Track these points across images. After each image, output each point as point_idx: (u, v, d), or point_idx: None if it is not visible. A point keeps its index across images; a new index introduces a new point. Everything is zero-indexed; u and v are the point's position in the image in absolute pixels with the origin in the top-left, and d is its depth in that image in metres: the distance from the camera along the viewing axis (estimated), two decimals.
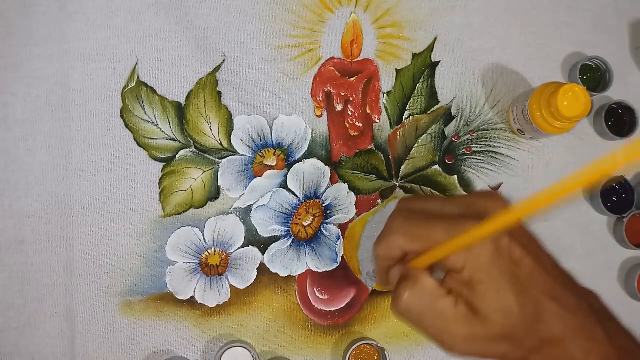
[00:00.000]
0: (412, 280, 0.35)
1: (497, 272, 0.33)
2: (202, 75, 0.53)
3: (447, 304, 0.34)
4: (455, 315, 0.34)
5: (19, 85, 0.50)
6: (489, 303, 0.34)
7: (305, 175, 0.53)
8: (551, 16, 0.59)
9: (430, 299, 0.34)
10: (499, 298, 0.33)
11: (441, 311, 0.34)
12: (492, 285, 0.33)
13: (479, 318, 0.34)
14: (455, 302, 0.34)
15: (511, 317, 0.33)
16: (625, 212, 0.56)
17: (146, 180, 0.51)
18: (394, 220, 0.37)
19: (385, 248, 0.37)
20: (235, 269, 0.52)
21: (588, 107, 0.48)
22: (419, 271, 0.35)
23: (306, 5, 0.55)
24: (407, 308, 0.35)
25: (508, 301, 0.33)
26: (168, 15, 0.53)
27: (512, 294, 0.33)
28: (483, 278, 0.33)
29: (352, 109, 0.55)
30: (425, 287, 0.35)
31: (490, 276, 0.33)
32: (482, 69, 0.57)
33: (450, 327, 0.34)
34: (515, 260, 0.34)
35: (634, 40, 0.60)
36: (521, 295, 0.34)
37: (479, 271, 0.33)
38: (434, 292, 0.34)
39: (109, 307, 0.50)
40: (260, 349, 0.51)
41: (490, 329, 0.34)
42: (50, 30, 0.51)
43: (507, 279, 0.33)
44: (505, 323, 0.34)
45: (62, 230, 0.50)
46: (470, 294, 0.34)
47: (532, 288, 0.34)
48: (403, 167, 0.55)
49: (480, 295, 0.34)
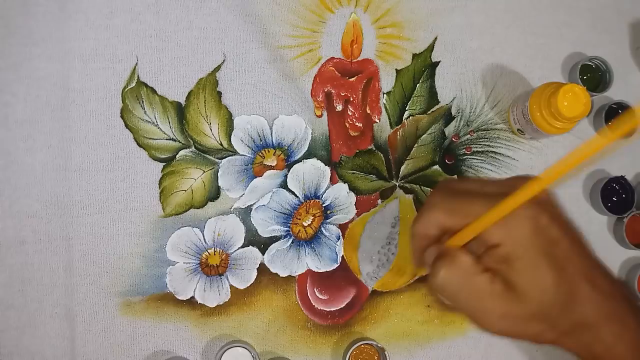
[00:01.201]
0: (448, 258, 0.35)
1: (535, 249, 0.33)
2: (202, 75, 0.53)
3: (483, 281, 0.34)
4: (491, 292, 0.34)
5: (19, 85, 0.50)
6: (527, 279, 0.33)
7: (305, 175, 0.53)
8: (551, 16, 0.59)
9: (466, 276, 0.34)
10: (537, 275, 0.33)
11: (477, 288, 0.34)
12: (530, 261, 0.33)
13: (515, 294, 0.34)
14: (492, 280, 0.34)
15: (547, 295, 0.33)
16: (625, 212, 0.56)
17: (146, 180, 0.51)
18: (433, 197, 0.37)
19: (424, 224, 0.36)
20: (235, 269, 0.52)
21: (588, 107, 0.48)
22: (455, 249, 0.35)
23: (306, 5, 0.55)
24: (443, 285, 0.35)
25: (545, 278, 0.33)
26: (168, 15, 0.53)
27: (550, 271, 0.33)
28: (521, 254, 0.33)
29: (352, 109, 0.55)
30: (462, 264, 0.34)
31: (528, 252, 0.33)
32: (482, 69, 0.57)
33: (486, 304, 0.34)
34: (553, 239, 0.34)
35: (634, 40, 0.60)
36: (558, 274, 0.33)
37: (516, 247, 0.33)
38: (470, 269, 0.34)
39: (109, 307, 0.50)
40: (260, 349, 0.51)
41: (526, 306, 0.34)
42: (50, 30, 0.51)
43: (545, 256, 0.33)
44: (541, 300, 0.33)
45: (62, 230, 0.50)
46: (507, 270, 0.34)
47: (568, 268, 0.34)
48: (403, 167, 0.55)
49: (517, 271, 0.33)
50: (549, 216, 0.34)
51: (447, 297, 0.36)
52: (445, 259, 0.35)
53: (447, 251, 0.35)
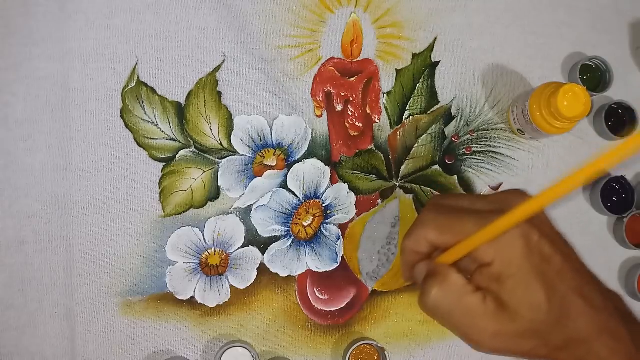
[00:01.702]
0: (439, 277, 0.35)
1: (527, 267, 0.33)
2: (202, 75, 0.53)
3: (475, 300, 0.34)
4: (483, 311, 0.34)
5: (19, 85, 0.50)
6: (519, 298, 0.33)
7: (305, 175, 0.53)
8: (551, 16, 0.59)
9: (458, 296, 0.34)
10: (528, 293, 0.33)
11: (469, 307, 0.34)
12: (522, 279, 0.33)
13: (507, 313, 0.34)
14: (484, 299, 0.34)
15: (540, 313, 0.33)
16: (625, 212, 0.56)
17: (146, 180, 0.51)
18: (424, 214, 0.37)
19: (414, 241, 0.36)
20: (235, 269, 0.52)
21: (588, 107, 0.48)
22: (446, 267, 0.35)
23: (306, 5, 0.55)
24: (435, 305, 0.35)
25: (537, 296, 0.33)
26: (168, 15, 0.53)
27: (542, 289, 0.33)
28: (513, 272, 0.33)
29: (352, 109, 0.55)
30: (453, 284, 0.34)
31: (520, 271, 0.33)
32: (482, 69, 0.57)
33: (478, 324, 0.34)
34: (545, 256, 0.34)
35: (634, 40, 0.60)
36: (550, 291, 0.33)
37: (509, 265, 0.33)
38: (462, 288, 0.34)
39: (109, 307, 0.50)
40: (260, 349, 0.51)
41: (518, 324, 0.34)
42: (50, 30, 0.51)
43: (537, 274, 0.33)
44: (533, 318, 0.33)
45: (62, 230, 0.50)
46: (499, 288, 0.34)
47: (560, 284, 0.34)
48: (403, 167, 0.55)
49: (509, 290, 0.34)
50: (540, 233, 0.34)
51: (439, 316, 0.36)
52: (436, 278, 0.35)
53: (438, 270, 0.35)
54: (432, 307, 0.35)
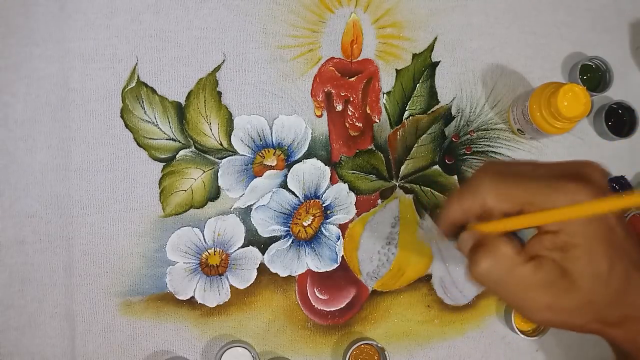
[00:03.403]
0: (490, 248, 0.34)
1: (593, 236, 0.32)
2: (202, 75, 0.53)
3: (526, 271, 0.33)
4: (536, 282, 0.33)
5: (19, 85, 0.50)
6: (581, 267, 0.33)
7: (305, 175, 0.53)
8: (551, 16, 0.59)
9: (509, 268, 0.33)
10: (592, 262, 0.32)
11: (520, 279, 0.33)
12: (587, 249, 0.32)
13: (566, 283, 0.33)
14: (535, 270, 0.33)
15: (600, 284, 0.33)
16: (625, 212, 0.56)
17: (146, 180, 0.51)
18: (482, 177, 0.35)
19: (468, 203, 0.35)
20: (235, 269, 0.52)
21: (588, 107, 0.48)
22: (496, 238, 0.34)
23: (306, 5, 0.55)
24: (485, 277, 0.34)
25: (600, 266, 0.32)
26: (168, 15, 0.53)
27: (605, 259, 0.32)
28: (579, 242, 0.32)
29: (352, 109, 0.55)
30: (504, 255, 0.33)
31: (586, 239, 0.32)
32: (482, 69, 0.57)
33: (530, 295, 0.33)
34: (611, 226, 0.33)
35: (634, 40, 0.60)
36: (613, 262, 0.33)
37: (575, 234, 0.32)
38: (512, 260, 0.33)
39: (109, 307, 0.50)
40: (260, 349, 0.51)
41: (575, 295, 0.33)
42: (50, 30, 0.51)
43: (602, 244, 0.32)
44: (592, 289, 0.33)
45: (62, 230, 0.50)
46: (562, 257, 0.33)
47: (623, 257, 0.33)
48: (403, 167, 0.55)
49: (573, 259, 0.33)
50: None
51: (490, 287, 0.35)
52: (486, 250, 0.34)
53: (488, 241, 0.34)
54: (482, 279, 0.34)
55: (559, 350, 0.56)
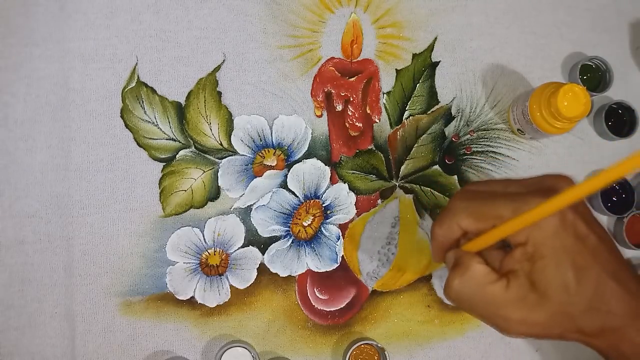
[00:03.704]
0: (462, 267, 0.35)
1: (560, 246, 0.33)
2: (202, 75, 0.53)
3: (497, 289, 0.34)
4: (506, 299, 0.34)
5: (19, 85, 0.50)
6: (548, 278, 0.33)
7: (305, 175, 0.53)
8: (551, 16, 0.59)
9: (479, 286, 0.34)
10: (558, 273, 0.33)
11: (491, 297, 0.34)
12: (553, 259, 0.33)
13: (536, 295, 0.33)
14: (507, 286, 0.34)
15: (568, 293, 0.33)
16: (625, 212, 0.56)
17: (146, 180, 0.51)
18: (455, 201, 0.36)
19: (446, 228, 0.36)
20: (235, 269, 0.52)
21: (588, 107, 0.48)
22: (469, 257, 0.35)
23: (306, 5, 0.55)
24: (457, 295, 0.35)
25: (566, 276, 0.33)
26: (168, 15, 0.53)
27: (572, 269, 0.33)
28: (545, 252, 0.33)
29: (352, 109, 0.55)
30: (474, 274, 0.35)
31: (552, 250, 0.33)
32: (482, 69, 0.57)
33: (501, 312, 0.34)
34: (579, 235, 0.33)
35: (634, 40, 0.60)
36: (581, 272, 0.33)
37: (541, 245, 0.33)
38: (483, 278, 0.34)
39: (109, 307, 0.50)
40: (260, 349, 0.51)
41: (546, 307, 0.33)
42: (50, 30, 0.51)
43: (569, 253, 0.33)
44: (562, 299, 0.33)
45: (62, 230, 0.50)
46: (530, 268, 0.34)
47: (595, 265, 0.33)
48: (403, 167, 0.55)
49: (539, 270, 0.33)
50: (575, 212, 0.33)
51: (463, 306, 0.36)
52: (458, 268, 0.35)
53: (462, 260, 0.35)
54: (455, 297, 0.35)
55: (559, 350, 0.56)
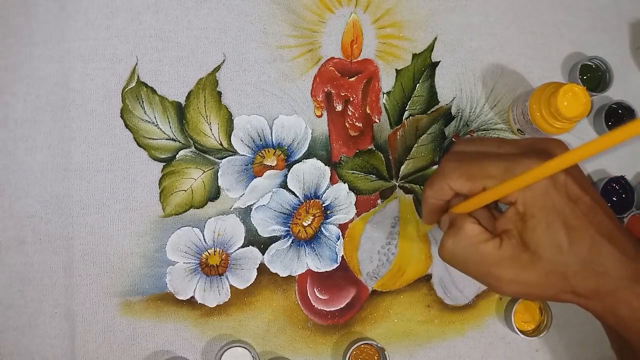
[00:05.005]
0: (455, 227, 0.35)
1: (551, 207, 0.33)
2: (202, 75, 0.53)
3: (489, 248, 0.34)
4: (498, 258, 0.34)
5: (19, 85, 0.50)
6: (538, 237, 0.33)
7: (305, 175, 0.53)
8: (551, 16, 0.59)
9: (472, 245, 0.35)
10: (549, 233, 0.33)
11: (483, 256, 0.34)
12: (543, 219, 0.33)
13: (528, 255, 0.33)
14: (499, 245, 0.34)
15: (561, 253, 0.33)
16: (625, 212, 0.56)
17: (146, 180, 0.51)
18: (446, 162, 0.36)
19: (437, 190, 0.36)
20: (235, 269, 0.52)
21: (588, 107, 0.48)
22: (462, 217, 0.35)
23: (306, 5, 0.55)
24: (451, 255, 0.36)
25: (558, 236, 0.33)
26: (168, 15, 0.53)
27: (564, 229, 0.33)
28: (535, 212, 0.33)
29: (352, 109, 0.55)
30: (467, 234, 0.35)
31: (543, 210, 0.33)
32: (482, 69, 0.57)
33: (494, 271, 0.34)
34: (572, 196, 0.33)
35: (634, 40, 0.60)
36: (574, 232, 0.33)
37: (532, 205, 0.33)
38: (476, 237, 0.35)
39: (109, 307, 0.50)
40: (260, 349, 0.51)
41: (538, 266, 0.33)
42: (50, 30, 0.51)
43: (560, 214, 0.33)
44: (553, 259, 0.33)
45: (62, 230, 0.50)
46: (522, 228, 0.34)
47: (589, 226, 0.33)
48: (403, 167, 0.55)
49: (530, 229, 0.33)
50: (567, 173, 0.33)
51: (457, 266, 0.36)
52: (452, 229, 0.35)
53: (455, 221, 0.36)
54: (448, 257, 0.36)
55: (559, 350, 0.56)
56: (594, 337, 0.56)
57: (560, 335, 0.56)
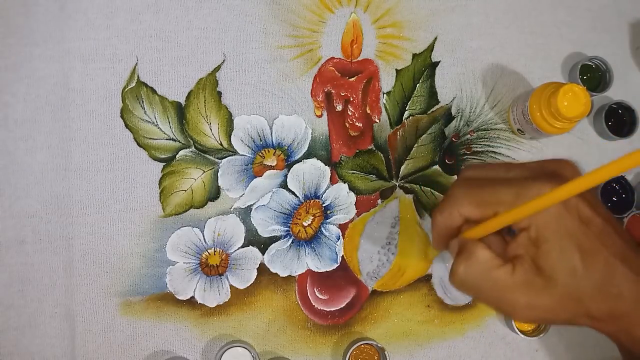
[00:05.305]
0: (466, 253, 0.35)
1: (563, 230, 0.33)
2: (202, 75, 0.53)
3: (502, 274, 0.34)
4: (512, 284, 0.34)
5: (19, 85, 0.50)
6: (553, 262, 0.33)
7: (305, 175, 0.53)
8: (551, 16, 0.59)
9: (484, 271, 0.34)
10: (563, 257, 0.33)
11: (497, 282, 0.34)
12: (557, 243, 0.33)
13: (542, 279, 0.33)
14: (512, 271, 0.34)
15: (575, 277, 0.33)
16: (625, 212, 0.56)
17: (146, 180, 0.51)
18: (455, 188, 0.36)
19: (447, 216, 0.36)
20: (235, 269, 0.52)
21: (588, 107, 0.48)
22: (473, 243, 0.35)
23: (306, 5, 0.55)
24: (463, 281, 0.35)
25: (572, 260, 0.33)
26: (168, 15, 0.53)
27: (577, 253, 0.33)
28: (548, 236, 0.33)
29: (352, 109, 0.55)
30: (479, 260, 0.34)
31: (556, 234, 0.33)
32: (482, 69, 0.57)
33: (508, 296, 0.34)
34: (584, 219, 0.33)
35: (634, 40, 0.60)
36: (588, 255, 0.33)
37: (544, 229, 0.33)
38: (488, 263, 0.34)
39: (109, 307, 0.50)
40: (260, 349, 0.51)
41: (553, 291, 0.33)
42: (50, 30, 0.51)
43: (574, 237, 0.33)
44: (568, 283, 0.33)
45: (62, 230, 0.50)
46: (535, 253, 0.33)
47: (602, 248, 0.33)
48: (403, 167, 0.55)
49: (544, 254, 0.33)
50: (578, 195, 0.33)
51: (470, 292, 0.36)
52: (463, 255, 0.35)
53: (465, 247, 0.35)
54: (460, 284, 0.35)
55: (559, 350, 0.56)
56: (594, 337, 0.56)
57: (560, 335, 0.56)
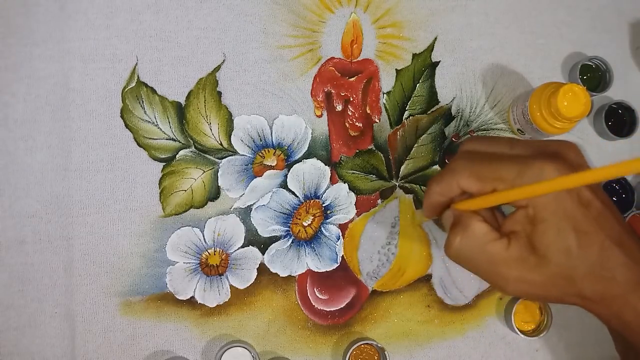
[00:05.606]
0: (463, 225, 0.35)
1: (561, 211, 0.33)
2: (202, 75, 0.53)
3: (497, 247, 0.34)
4: (506, 257, 0.34)
5: (19, 85, 0.50)
6: (548, 242, 0.33)
7: (305, 175, 0.53)
8: (551, 16, 0.59)
9: (480, 244, 0.35)
10: (559, 237, 0.33)
11: (491, 255, 0.34)
12: (554, 224, 0.33)
13: (535, 257, 0.34)
14: (507, 245, 0.34)
15: (569, 257, 0.33)
16: (625, 212, 0.56)
17: (146, 180, 0.51)
18: (456, 160, 0.36)
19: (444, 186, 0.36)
20: (235, 269, 0.52)
21: (588, 107, 0.48)
22: (470, 216, 0.35)
23: (306, 5, 0.55)
24: (457, 253, 0.35)
25: (568, 241, 0.33)
26: (168, 15, 0.53)
27: (574, 233, 0.33)
28: (546, 216, 0.33)
29: (352, 109, 0.55)
30: (475, 233, 0.35)
31: (554, 215, 0.33)
32: (482, 69, 0.57)
33: (500, 270, 0.34)
34: (583, 201, 0.33)
35: (634, 40, 0.60)
36: (584, 237, 0.33)
37: (543, 209, 0.33)
38: (484, 236, 0.35)
39: (109, 307, 0.50)
40: (260, 349, 0.51)
41: (545, 269, 0.33)
42: (50, 30, 0.51)
43: (572, 219, 0.33)
44: (562, 263, 0.33)
45: (62, 230, 0.50)
46: (531, 230, 0.34)
47: (599, 231, 0.33)
48: (403, 167, 0.55)
49: (540, 233, 0.33)
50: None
51: (463, 264, 0.36)
52: (458, 227, 0.35)
53: (462, 219, 0.36)
54: (455, 256, 0.36)
55: (559, 350, 0.56)
56: (594, 337, 0.56)
57: (560, 335, 0.56)
